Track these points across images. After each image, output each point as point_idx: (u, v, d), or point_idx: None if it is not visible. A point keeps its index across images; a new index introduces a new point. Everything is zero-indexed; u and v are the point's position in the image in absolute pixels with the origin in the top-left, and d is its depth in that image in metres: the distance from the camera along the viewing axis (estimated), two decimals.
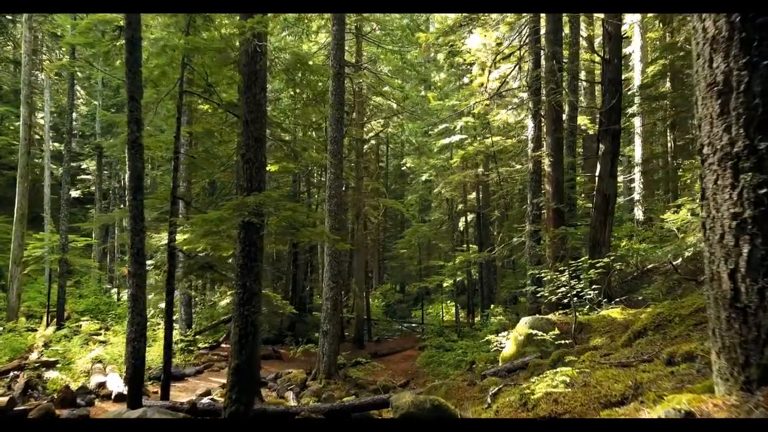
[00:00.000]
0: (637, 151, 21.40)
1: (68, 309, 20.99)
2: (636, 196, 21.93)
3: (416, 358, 18.48)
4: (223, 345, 18.49)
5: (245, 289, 6.64)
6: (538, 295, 9.98)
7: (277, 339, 22.73)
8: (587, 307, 9.15)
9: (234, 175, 17.85)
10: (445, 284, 26.96)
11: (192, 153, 9.05)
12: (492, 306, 27.94)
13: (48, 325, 19.05)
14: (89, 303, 24.18)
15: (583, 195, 20.31)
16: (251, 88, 6.89)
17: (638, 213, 22.62)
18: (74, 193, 33.50)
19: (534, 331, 8.20)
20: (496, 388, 4.66)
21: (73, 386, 11.66)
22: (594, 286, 8.98)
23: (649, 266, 17.49)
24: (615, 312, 8.33)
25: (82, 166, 34.21)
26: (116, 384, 11.08)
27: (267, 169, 10.61)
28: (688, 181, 19.73)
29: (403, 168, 35.93)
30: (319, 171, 27.36)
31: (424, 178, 27.52)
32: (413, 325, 27.74)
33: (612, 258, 8.47)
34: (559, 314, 9.23)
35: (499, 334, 9.35)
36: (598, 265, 8.31)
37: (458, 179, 22.24)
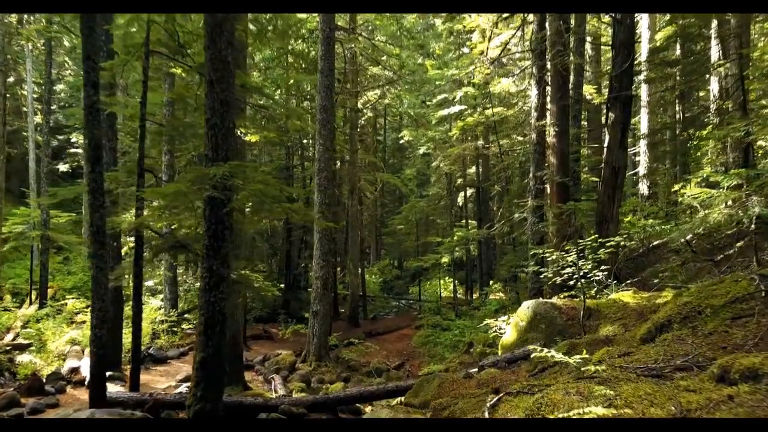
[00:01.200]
0: (643, 123, 20.44)
1: (55, 286, 20.31)
2: (641, 170, 21.05)
3: (412, 337, 17.87)
4: None
5: (212, 274, 5.86)
6: (541, 275, 9.22)
7: (269, 317, 22.13)
8: (594, 289, 8.40)
9: None
10: (443, 260, 26.28)
11: (169, 121, 8.13)
12: (491, 282, 27.32)
13: (31, 303, 18.40)
14: (77, 280, 23.45)
15: (586, 169, 19.45)
16: (216, 42, 5.99)
17: (643, 188, 21.79)
18: (63, 167, 32.54)
19: (537, 317, 7.46)
20: (495, 398, 3.89)
21: (46, 371, 11.01)
22: (603, 267, 8.21)
23: (655, 243, 16.75)
24: (626, 296, 7.57)
25: (71, 140, 33.15)
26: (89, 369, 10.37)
27: (246, 139, 9.74)
28: (699, 153, 18.88)
29: (401, 141, 34.85)
30: (314, 144, 26.45)
31: (421, 151, 26.58)
32: (410, 302, 27.15)
33: (625, 236, 7.67)
34: (563, 297, 8.48)
35: (499, 318, 8.63)
36: (608, 244, 7.51)
37: (457, 152, 21.33)
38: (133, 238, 13.64)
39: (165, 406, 7.21)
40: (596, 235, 8.28)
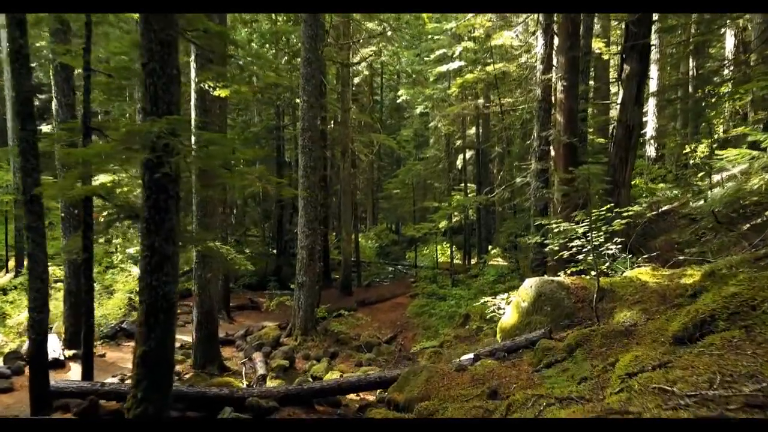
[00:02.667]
0: (653, 80, 19.13)
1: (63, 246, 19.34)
2: (649, 131, 19.84)
3: (406, 306, 17.07)
4: None
5: (153, 252, 4.87)
6: (545, 248, 8.25)
7: (259, 285, 21.34)
8: (605, 264, 7.44)
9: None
10: (441, 225, 25.36)
11: (119, 71, 6.95)
12: (490, 248, 26.45)
13: (7, 271, 17.55)
14: (60, 247, 22.58)
15: (592, 130, 18.26)
16: None
17: (650, 150, 20.66)
18: (45, 128, 31.27)
19: (542, 298, 6.52)
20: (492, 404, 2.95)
21: (7, 349, 10.20)
22: (616, 240, 7.24)
23: (664, 208, 15.76)
24: (644, 273, 6.61)
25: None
26: (53, 348, 9.52)
27: (216, 94, 8.60)
28: (714, 113, 17.66)
29: (398, 101, 33.40)
30: None
31: (418, 110, 25.23)
32: (406, 268, 26.36)
33: (645, 206, 6.64)
34: (570, 274, 7.53)
35: (498, 297, 7.69)
36: (625, 214, 6.50)
37: (456, 111, 20.08)
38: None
39: (120, 398, 6.33)
40: (611, 203, 7.27)
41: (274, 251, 25.00)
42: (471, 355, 6.89)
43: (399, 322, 15.53)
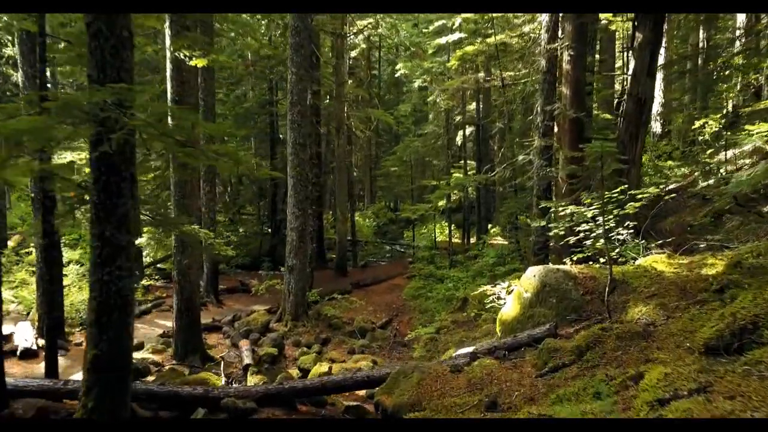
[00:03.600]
0: (660, 54, 18.23)
1: (23, 233, 18.78)
2: (655, 106, 19.05)
3: (403, 288, 16.55)
4: None
5: (104, 243, 4.25)
6: (550, 232, 7.64)
7: (252, 265, 20.79)
8: (616, 251, 6.82)
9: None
10: (439, 203, 24.70)
11: (79, 36, 6.18)
12: (489, 227, 25.84)
13: None
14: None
15: (596, 104, 17.48)
16: None
17: (656, 126, 19.92)
18: None
19: (546, 289, 5.92)
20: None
21: None
22: (628, 224, 6.62)
23: (671, 186, 15.13)
24: (659, 261, 6.00)
25: None
26: (25, 336, 8.97)
27: (193, 64, 7.88)
28: (727, 87, 16.88)
29: (397, 75, 32.44)
30: None
31: (417, 84, 24.35)
32: (404, 247, 25.82)
33: (662, 187, 6.00)
34: (577, 261, 6.92)
35: (497, 285, 7.09)
36: (640, 196, 5.85)
37: (456, 85, 19.23)
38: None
39: (64, 395, 5.78)
40: (622, 183, 6.62)
41: (269, 230, 24.38)
42: (468, 350, 6.33)
43: (395, 305, 15.02)
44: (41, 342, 9.38)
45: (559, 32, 10.22)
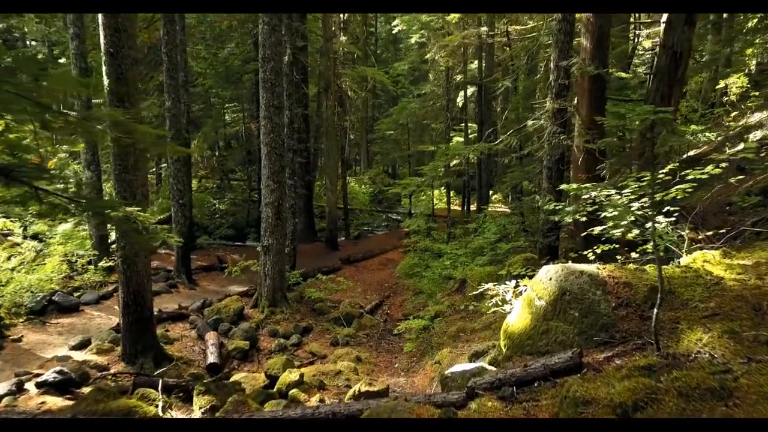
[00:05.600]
0: None
1: None
2: None
3: (397, 263, 15.28)
4: (159, 251, 15.16)
5: None
6: (568, 217, 6.21)
7: (238, 236, 19.50)
8: (654, 245, 5.43)
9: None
10: (438, 172, 23.18)
11: None
12: (491, 193, 24.43)
13: None
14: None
15: (613, 61, 15.78)
16: None
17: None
18: None
19: (566, 297, 4.57)
20: None
21: None
22: (669, 209, 5.23)
23: (690, 153, 13.64)
24: (713, 261, 4.63)
25: None
26: None
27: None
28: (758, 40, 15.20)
29: (394, 31, 30.41)
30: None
31: (413, 39, 22.48)
32: (402, 216, 24.46)
33: (725, 165, 4.52)
34: (599, 257, 5.55)
35: (502, 286, 5.70)
36: (691, 176, 4.41)
37: (457, 41, 17.46)
38: None
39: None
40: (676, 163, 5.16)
41: (258, 197, 23.00)
42: (465, 367, 5.06)
43: (387, 284, 13.77)
44: None
45: None
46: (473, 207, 22.82)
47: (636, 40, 16.10)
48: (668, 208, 5.10)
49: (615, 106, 6.88)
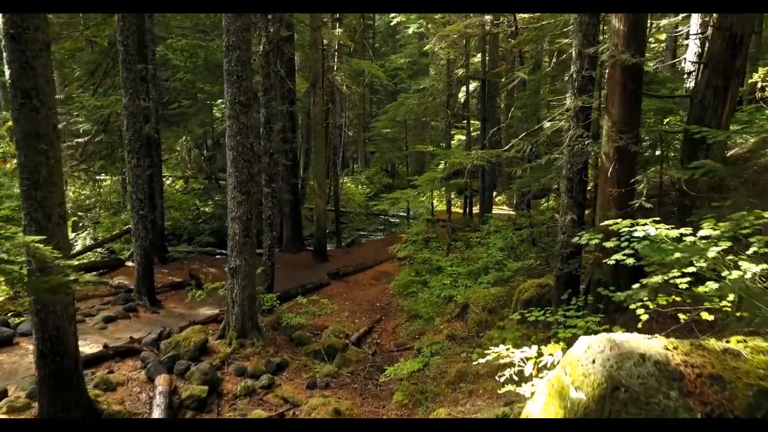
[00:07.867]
0: None
1: None
2: (689, 56, 15.68)
3: (392, 277, 13.75)
4: (128, 264, 13.65)
5: None
6: (609, 259, 4.65)
7: (221, 243, 17.92)
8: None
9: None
10: (439, 167, 21.62)
11: None
12: (494, 195, 22.88)
13: None
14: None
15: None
16: None
17: (689, 82, 16.61)
18: None
19: (620, 394, 3.02)
20: None
21: None
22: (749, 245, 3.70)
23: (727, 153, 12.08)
24: None
25: None
26: None
27: None
28: None
29: (392, 23, 28.75)
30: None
31: (411, 30, 20.88)
32: (398, 219, 22.95)
33: None
34: (654, 318, 4.00)
35: (517, 355, 4.12)
36: None
37: (458, 31, 15.88)
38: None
39: None
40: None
41: None
42: None
43: (379, 303, 12.26)
44: None
45: None
46: (476, 209, 21.30)
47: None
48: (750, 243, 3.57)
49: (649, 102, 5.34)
